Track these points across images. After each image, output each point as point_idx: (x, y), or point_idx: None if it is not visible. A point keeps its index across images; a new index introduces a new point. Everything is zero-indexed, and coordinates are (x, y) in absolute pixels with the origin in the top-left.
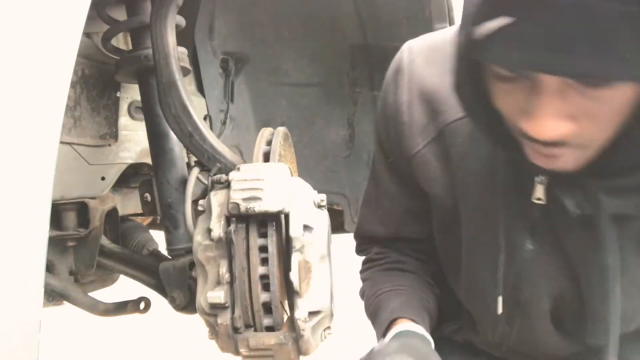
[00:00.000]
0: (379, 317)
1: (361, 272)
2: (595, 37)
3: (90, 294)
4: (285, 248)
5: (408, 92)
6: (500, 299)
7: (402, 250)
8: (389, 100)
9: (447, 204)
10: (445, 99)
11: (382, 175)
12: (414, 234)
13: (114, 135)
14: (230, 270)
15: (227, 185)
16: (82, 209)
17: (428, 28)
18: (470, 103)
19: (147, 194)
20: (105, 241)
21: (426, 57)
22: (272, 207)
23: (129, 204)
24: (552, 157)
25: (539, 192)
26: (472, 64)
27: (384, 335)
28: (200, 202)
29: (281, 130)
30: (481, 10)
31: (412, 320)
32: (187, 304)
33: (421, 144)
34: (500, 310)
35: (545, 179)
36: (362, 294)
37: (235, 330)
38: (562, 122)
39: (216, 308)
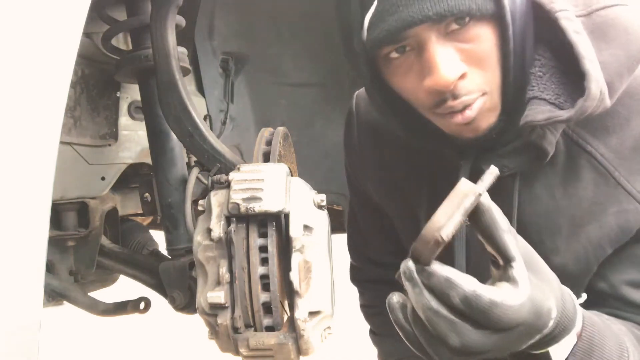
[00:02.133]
0: None
1: (361, 289)
2: None
3: (90, 294)
4: (285, 248)
5: (358, 130)
6: None
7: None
8: (346, 139)
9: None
10: (386, 130)
11: (353, 202)
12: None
13: (114, 135)
14: (230, 270)
15: (227, 185)
16: (82, 209)
17: None
18: (380, 103)
19: (147, 194)
20: (105, 241)
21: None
22: (272, 207)
23: (129, 204)
24: (467, 113)
25: (464, 173)
26: (372, 68)
27: None
28: (200, 202)
29: (281, 130)
30: (361, 14)
31: None
32: (187, 304)
33: (371, 170)
34: None
35: (468, 162)
36: (368, 314)
37: (235, 330)
38: (455, 64)
39: (216, 308)
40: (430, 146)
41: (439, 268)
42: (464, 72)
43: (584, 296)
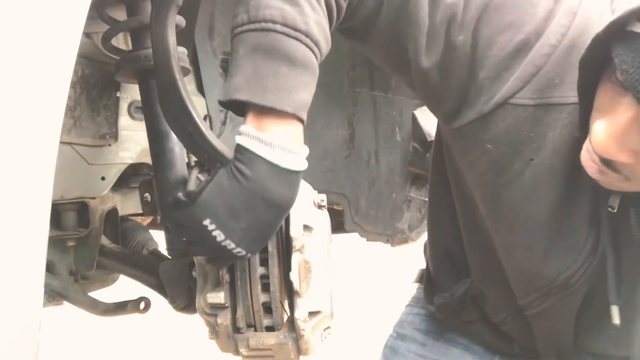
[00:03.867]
0: None
1: None
2: None
3: (90, 294)
4: (285, 248)
5: None
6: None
7: None
8: None
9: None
10: None
11: None
12: None
13: (114, 135)
14: (230, 270)
15: None
16: (82, 209)
17: None
18: (583, 81)
19: (147, 194)
20: (105, 241)
21: None
22: None
23: (129, 204)
24: (600, 170)
25: (613, 201)
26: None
27: None
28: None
29: None
30: None
31: None
32: (187, 304)
33: None
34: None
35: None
36: None
37: (236, 330)
38: (623, 151)
39: (216, 308)
40: None
41: None
42: (623, 161)
43: None
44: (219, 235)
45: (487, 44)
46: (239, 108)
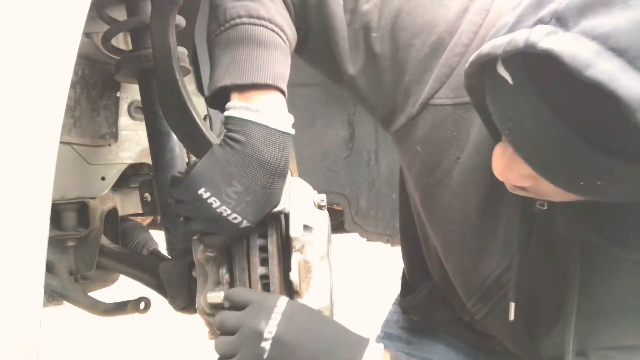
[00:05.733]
0: None
1: None
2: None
3: (90, 294)
4: (285, 248)
5: None
6: (512, 305)
7: None
8: None
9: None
10: None
11: None
12: None
13: (114, 135)
14: (230, 270)
15: None
16: (82, 209)
17: None
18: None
19: (147, 194)
20: (105, 241)
21: None
22: None
23: (129, 204)
24: (512, 187)
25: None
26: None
27: None
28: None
29: None
30: None
31: None
32: (187, 304)
33: None
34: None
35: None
36: None
37: None
38: (519, 177)
39: (216, 308)
40: None
41: None
42: (526, 185)
43: None
44: (215, 202)
45: (405, 48)
46: (223, 102)
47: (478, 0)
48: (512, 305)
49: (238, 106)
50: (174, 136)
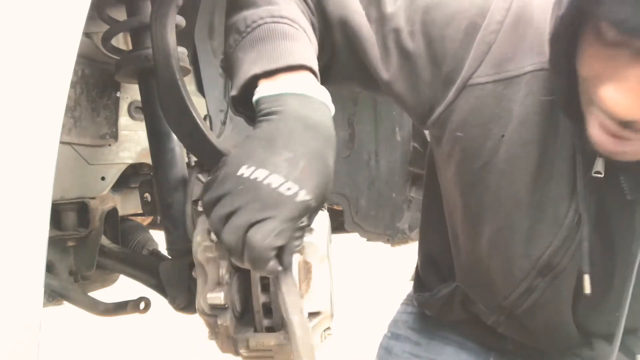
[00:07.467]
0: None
1: None
2: None
3: (90, 294)
4: None
5: None
6: (587, 277)
7: None
8: None
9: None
10: None
11: None
12: None
13: (114, 135)
14: (230, 270)
15: None
16: (82, 209)
17: None
18: (557, 57)
19: (147, 194)
20: (105, 241)
21: None
22: None
23: (129, 204)
24: (620, 140)
25: (599, 165)
26: (574, 16)
27: None
28: (200, 202)
29: None
30: None
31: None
32: (187, 304)
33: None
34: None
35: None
36: None
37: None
38: None
39: (216, 309)
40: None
41: None
42: None
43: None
44: (261, 174)
45: (438, 40)
46: (249, 105)
47: None
48: (587, 278)
49: (269, 86)
50: (174, 136)
